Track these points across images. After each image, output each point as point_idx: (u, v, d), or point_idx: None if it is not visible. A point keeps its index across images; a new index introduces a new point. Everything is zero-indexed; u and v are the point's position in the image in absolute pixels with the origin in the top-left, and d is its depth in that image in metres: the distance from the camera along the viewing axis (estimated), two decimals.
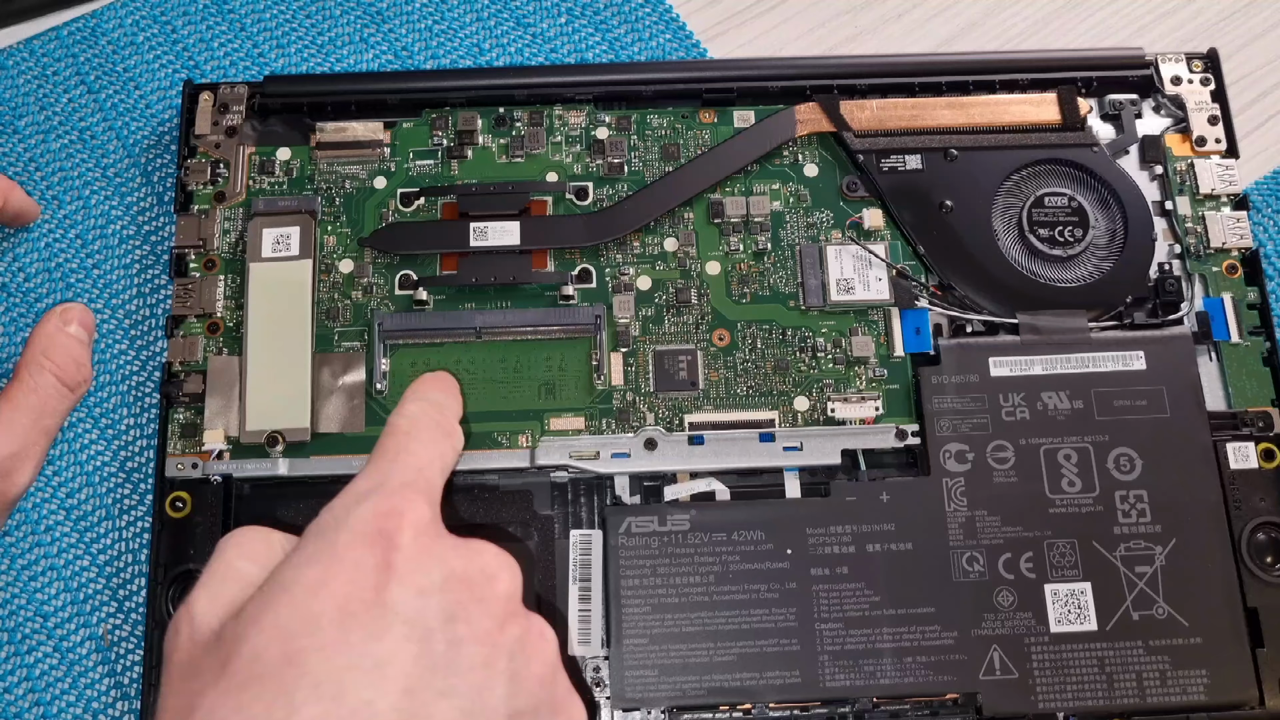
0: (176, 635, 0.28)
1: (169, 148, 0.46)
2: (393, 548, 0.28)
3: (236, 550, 0.30)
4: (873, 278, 0.42)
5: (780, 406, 0.41)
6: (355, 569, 0.28)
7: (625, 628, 0.38)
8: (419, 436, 0.33)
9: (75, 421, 0.42)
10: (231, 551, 0.30)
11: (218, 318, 0.42)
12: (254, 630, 0.27)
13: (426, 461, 0.32)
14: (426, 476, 0.31)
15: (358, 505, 0.29)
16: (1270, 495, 0.40)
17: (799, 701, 0.38)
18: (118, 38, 0.48)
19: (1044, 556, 0.39)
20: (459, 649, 0.28)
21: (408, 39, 0.49)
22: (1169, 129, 0.45)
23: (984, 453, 0.40)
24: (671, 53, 0.50)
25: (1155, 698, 0.37)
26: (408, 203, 0.43)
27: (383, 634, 0.27)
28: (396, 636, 0.27)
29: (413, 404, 0.34)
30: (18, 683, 0.39)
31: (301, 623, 0.27)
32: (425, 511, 0.30)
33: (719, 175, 0.43)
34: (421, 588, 0.28)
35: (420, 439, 0.33)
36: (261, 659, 0.26)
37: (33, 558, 0.41)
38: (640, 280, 0.42)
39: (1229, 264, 0.43)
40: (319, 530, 0.29)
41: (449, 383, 0.37)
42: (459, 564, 0.29)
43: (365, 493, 0.30)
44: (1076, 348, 0.41)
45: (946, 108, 0.44)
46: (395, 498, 0.30)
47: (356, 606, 0.27)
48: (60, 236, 0.45)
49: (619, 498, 0.40)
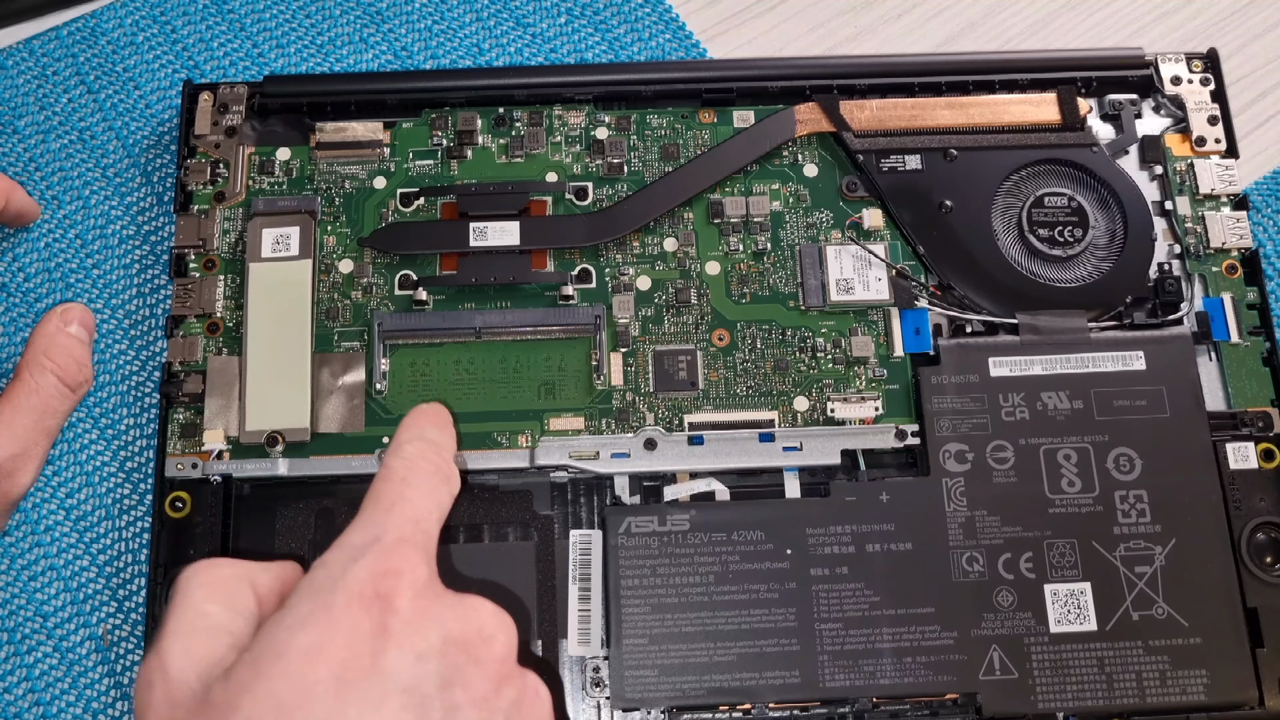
0: (150, 691, 0.27)
1: (169, 148, 0.46)
2: (390, 611, 0.27)
3: (203, 593, 0.29)
4: (872, 278, 0.42)
5: (780, 406, 0.41)
6: (352, 634, 0.27)
7: (625, 628, 0.38)
8: (416, 484, 0.32)
9: (75, 421, 0.42)
10: (198, 594, 0.29)
11: (218, 318, 0.42)
12: (247, 699, 0.26)
13: (424, 512, 0.31)
14: (424, 529, 0.30)
15: (354, 563, 0.28)
16: (1270, 495, 0.40)
17: (799, 701, 0.38)
18: (118, 38, 0.48)
19: (1044, 556, 0.39)
20: (456, 715, 0.27)
21: (408, 39, 0.49)
22: (1169, 129, 0.45)
23: (984, 453, 0.40)
24: (671, 53, 0.50)
25: (1155, 698, 0.37)
26: (407, 203, 0.43)
27: (380, 704, 0.26)
28: (394, 706, 0.26)
29: (410, 445, 0.33)
30: (18, 683, 0.39)
31: (297, 693, 0.26)
32: (423, 570, 0.29)
33: (719, 175, 0.43)
34: (419, 653, 0.27)
35: (417, 486, 0.32)
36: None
37: (33, 558, 0.41)
38: (640, 280, 0.42)
39: (1229, 264, 0.43)
40: (313, 589, 0.28)
41: (444, 417, 0.36)
42: (456, 626, 0.29)
43: (361, 548, 0.29)
44: (1076, 348, 0.41)
45: (946, 108, 0.44)
46: (393, 556, 0.29)
47: (353, 675, 0.26)
48: (60, 236, 0.45)
49: (619, 498, 0.40)
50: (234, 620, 0.29)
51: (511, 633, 0.30)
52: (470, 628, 0.29)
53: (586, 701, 0.38)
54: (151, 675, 0.27)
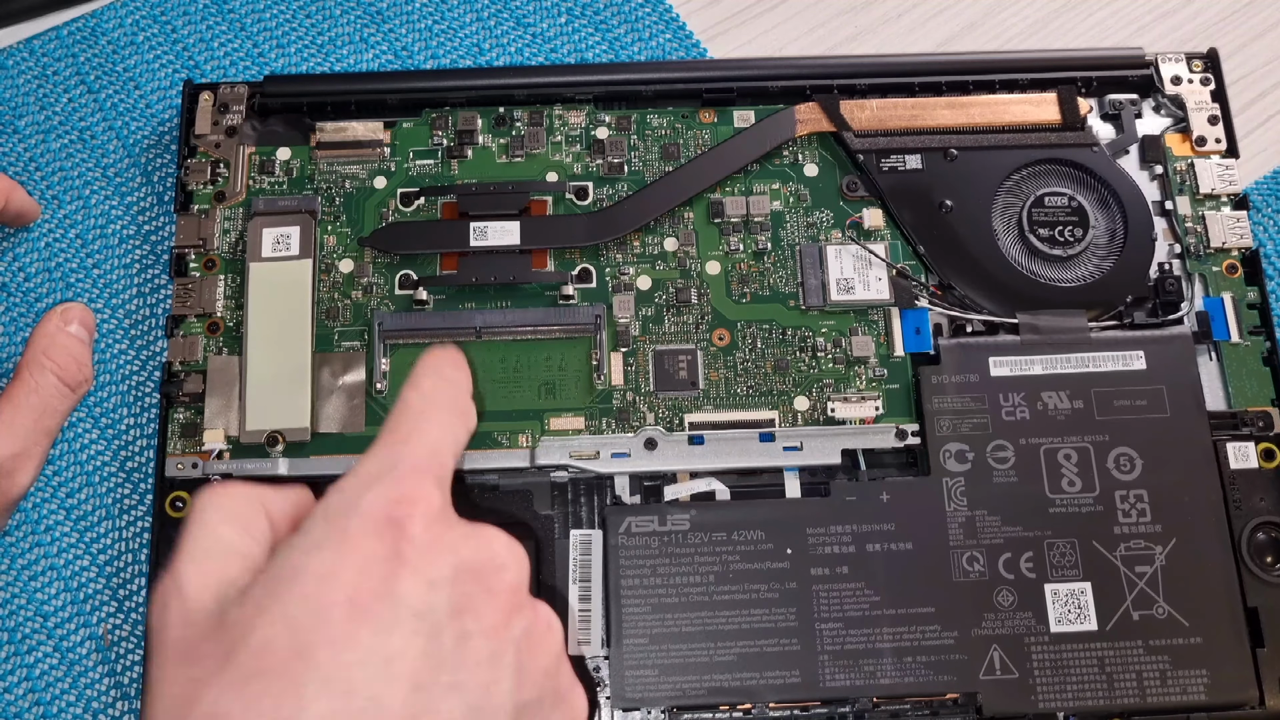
0: (165, 611, 0.27)
1: (169, 148, 0.46)
2: (404, 537, 0.28)
3: (219, 515, 0.29)
4: (873, 277, 0.42)
5: (780, 406, 0.41)
6: (366, 559, 0.27)
7: (625, 628, 0.38)
8: (433, 416, 0.31)
9: (75, 421, 0.42)
10: (214, 516, 0.29)
11: (218, 318, 0.42)
12: (263, 620, 0.26)
13: (440, 443, 0.31)
14: (440, 460, 0.30)
15: (368, 490, 0.28)
16: (1270, 495, 0.40)
17: (799, 701, 0.38)
18: (118, 38, 0.48)
19: (1044, 556, 0.39)
20: (467, 643, 0.28)
21: (408, 39, 0.49)
22: (1169, 129, 0.45)
23: (984, 453, 0.40)
24: (671, 53, 0.50)
25: (1155, 698, 0.37)
26: (408, 202, 0.43)
27: (392, 628, 0.27)
28: (405, 631, 0.27)
29: (427, 380, 0.33)
30: (18, 683, 0.39)
31: (311, 615, 0.26)
32: (437, 498, 0.29)
33: (719, 175, 0.43)
34: (431, 580, 0.28)
35: (434, 419, 0.31)
36: (269, 651, 0.26)
37: (33, 558, 0.41)
38: (640, 280, 0.42)
39: (1229, 264, 0.43)
40: (328, 513, 0.28)
41: (460, 359, 0.35)
42: (469, 554, 0.29)
43: (376, 475, 0.29)
44: (1076, 348, 0.41)
45: (946, 108, 0.44)
46: (408, 483, 0.29)
47: (367, 599, 0.27)
48: (60, 236, 0.45)
49: (619, 498, 0.40)
50: (248, 543, 0.29)
51: (524, 563, 0.30)
52: (483, 556, 0.29)
53: None
54: (167, 597, 0.28)
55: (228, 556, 0.28)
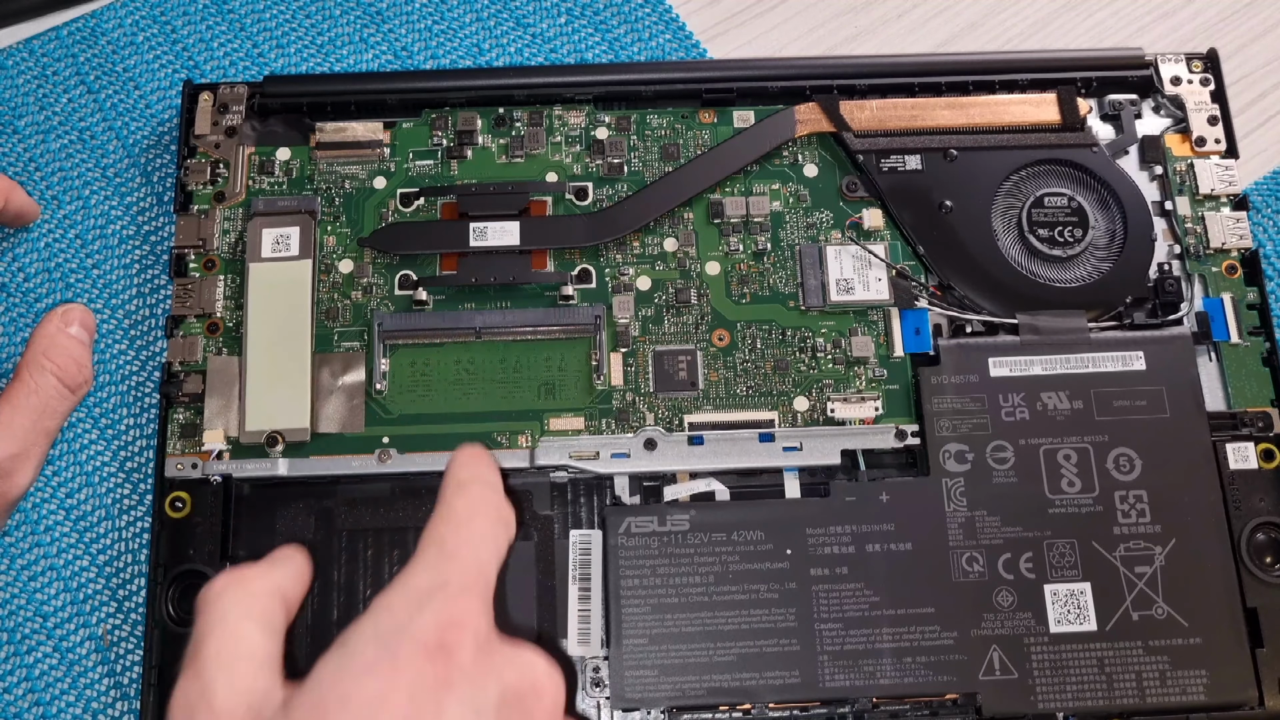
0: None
1: (169, 148, 0.46)
2: (453, 663, 0.28)
3: (240, 611, 0.29)
4: (872, 278, 0.42)
5: (780, 406, 0.41)
6: (416, 684, 0.27)
7: (625, 628, 0.38)
8: (480, 530, 0.31)
9: (75, 421, 0.42)
10: (235, 613, 0.29)
11: (217, 318, 0.42)
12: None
13: (487, 559, 0.31)
14: (486, 577, 0.30)
15: (419, 611, 0.28)
16: (1270, 495, 0.40)
17: (799, 702, 0.38)
18: (118, 38, 0.48)
19: (1044, 557, 0.39)
20: None
21: (408, 39, 0.49)
22: (1169, 129, 0.45)
23: (984, 453, 0.40)
24: (671, 53, 0.50)
25: (1155, 698, 0.37)
26: (407, 203, 0.43)
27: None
28: None
29: (474, 486, 0.32)
30: (18, 683, 0.39)
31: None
32: (484, 622, 0.29)
33: (719, 175, 0.43)
34: (478, 707, 0.28)
35: (479, 530, 0.31)
36: None
37: (33, 558, 0.41)
38: (640, 280, 0.42)
39: (1229, 264, 0.43)
40: (378, 634, 0.28)
41: (491, 459, 0.34)
42: (513, 679, 0.29)
43: (427, 593, 0.29)
44: (1076, 348, 0.41)
45: (946, 108, 0.44)
46: (457, 606, 0.29)
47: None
48: (60, 236, 0.45)
49: (619, 498, 0.40)
50: (271, 642, 0.29)
51: (561, 687, 0.30)
52: (525, 682, 0.29)
53: (587, 701, 0.38)
54: (194, 709, 0.27)
55: (254, 660, 0.28)
